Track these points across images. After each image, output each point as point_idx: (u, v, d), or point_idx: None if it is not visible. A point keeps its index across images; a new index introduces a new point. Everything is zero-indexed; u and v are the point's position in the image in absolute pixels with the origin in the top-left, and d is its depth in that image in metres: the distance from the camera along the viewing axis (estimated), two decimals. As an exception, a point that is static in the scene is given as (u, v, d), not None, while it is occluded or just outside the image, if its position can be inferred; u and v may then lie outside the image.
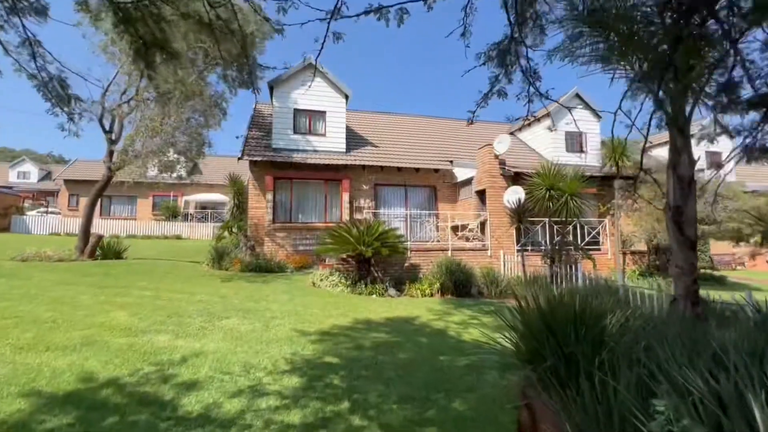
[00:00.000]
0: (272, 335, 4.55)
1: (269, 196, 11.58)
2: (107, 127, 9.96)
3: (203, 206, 26.67)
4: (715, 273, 12.50)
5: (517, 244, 10.90)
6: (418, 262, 10.15)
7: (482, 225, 11.13)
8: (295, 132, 12.47)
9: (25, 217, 21.35)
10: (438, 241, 12.43)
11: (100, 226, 21.41)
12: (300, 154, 12.21)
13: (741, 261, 16.65)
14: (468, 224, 11.35)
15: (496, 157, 11.14)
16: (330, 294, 7.85)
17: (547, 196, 8.94)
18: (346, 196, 12.19)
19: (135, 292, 6.23)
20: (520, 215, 9.38)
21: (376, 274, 9.56)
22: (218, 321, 4.97)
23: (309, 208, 12.25)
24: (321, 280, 8.89)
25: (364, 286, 8.60)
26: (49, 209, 29.32)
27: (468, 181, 12.77)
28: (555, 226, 11.17)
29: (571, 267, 8.26)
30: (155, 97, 8.87)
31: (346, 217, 11.99)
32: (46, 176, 37.33)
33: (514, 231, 10.92)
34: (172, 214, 23.92)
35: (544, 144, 15.24)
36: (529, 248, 11.25)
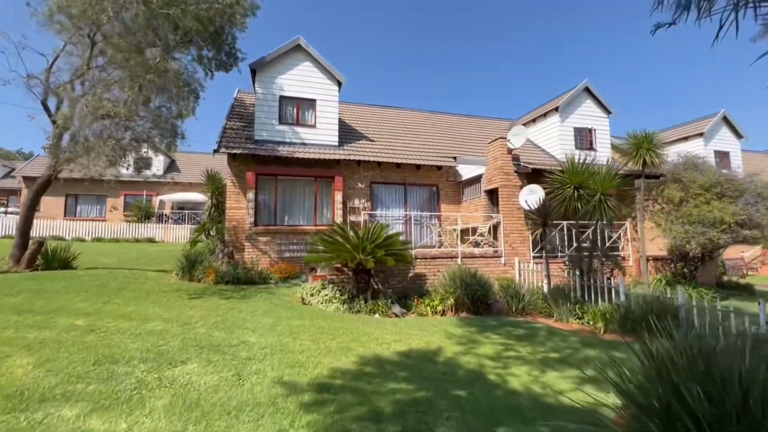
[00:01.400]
0: (246, 395, 3.10)
1: (250, 195, 10.04)
2: (53, 111, 8.25)
3: (180, 206, 24.71)
4: (741, 281, 11.55)
5: (533, 250, 9.68)
6: (424, 271, 8.80)
7: (494, 228, 9.85)
8: (281, 122, 10.97)
9: (-27, 218, 19.05)
10: (440, 246, 11.12)
11: (64, 227, 19.36)
12: (286, 147, 10.71)
13: (752, 266, 15.89)
14: (477, 227, 10.06)
15: (510, 151, 9.89)
16: (323, 314, 6.40)
17: (575, 195, 7.71)
18: (339, 196, 10.76)
19: (62, 321, 4.65)
20: (545, 218, 8.13)
21: (376, 286, 8.17)
22: (169, 369, 3.48)
23: (297, 208, 10.76)
24: (311, 294, 7.43)
25: (363, 302, 7.19)
26: (9, 209, 26.84)
27: (474, 180, 11.50)
28: (573, 230, 10.00)
29: (607, 278, 7.03)
30: (104, 67, 7.18)
31: (339, 219, 10.55)
32: (9, 173, 34.50)
33: (530, 236, 9.69)
34: (145, 215, 21.93)
35: (552, 140, 14.14)
36: (543, 255, 10.04)
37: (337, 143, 11.35)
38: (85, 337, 4.15)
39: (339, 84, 11.56)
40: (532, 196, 8.92)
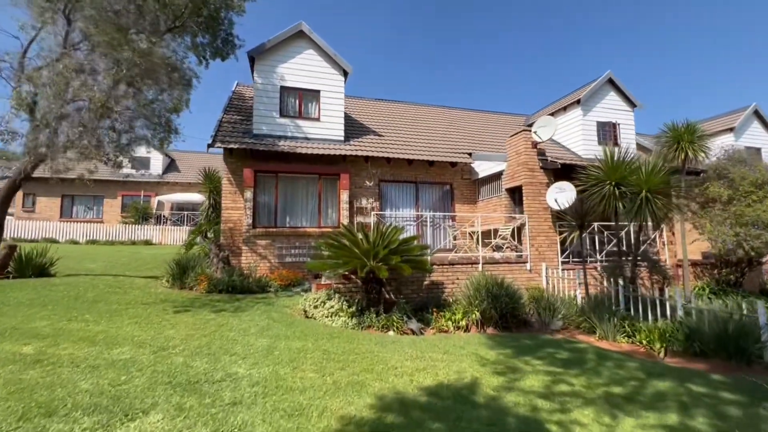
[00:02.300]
0: (223, 471, 2.16)
1: (248, 194, 9.15)
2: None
3: (180, 207, 23.91)
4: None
5: (561, 255, 8.70)
6: (441, 279, 7.85)
7: (517, 231, 8.88)
8: (282, 115, 10.07)
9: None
10: (455, 249, 10.18)
11: (58, 229, 18.57)
12: (288, 141, 9.81)
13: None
14: (498, 229, 9.10)
15: (535, 145, 8.92)
16: (329, 331, 5.47)
17: (616, 193, 6.73)
18: (345, 195, 9.83)
19: (5, 347, 3.74)
20: (582, 219, 7.16)
21: (388, 296, 7.24)
22: (122, 425, 2.56)
23: (299, 209, 9.85)
24: (315, 306, 6.51)
25: (374, 315, 6.26)
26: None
27: (492, 178, 10.54)
28: (605, 233, 9.02)
29: (659, 287, 6.04)
30: (87, 52, 6.27)
31: (345, 220, 9.63)
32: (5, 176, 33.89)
33: (558, 239, 8.72)
34: (143, 217, 21.14)
35: (573, 135, 13.14)
36: (579, 261, 9.08)
37: (342, 138, 10.43)
38: (25, 372, 3.24)
39: (345, 74, 10.65)
40: (563, 194, 7.94)
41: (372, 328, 6.08)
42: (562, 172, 9.00)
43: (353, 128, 11.66)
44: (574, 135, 13.16)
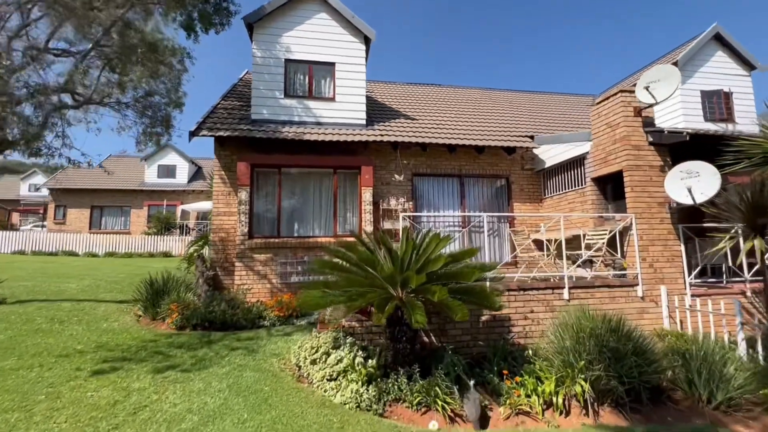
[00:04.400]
0: None
1: (243, 195, 7.06)
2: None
3: (204, 216, 22.81)
4: None
5: (688, 274, 5.74)
6: (506, 312, 5.21)
7: (619, 236, 6.03)
8: (287, 95, 7.96)
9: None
10: (515, 263, 7.50)
11: (79, 241, 17.73)
12: (294, 127, 7.68)
13: None
14: (585, 234, 6.30)
15: (639, 112, 6.07)
16: (326, 421, 3.08)
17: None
18: (367, 194, 7.49)
19: None
20: (765, 216, 4.30)
21: (426, 340, 4.79)
22: None
23: (308, 213, 7.64)
24: (313, 360, 4.16)
25: (406, 380, 3.80)
26: (44, 223, 26.62)
27: (566, 166, 7.74)
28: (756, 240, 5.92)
29: None
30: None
31: (368, 226, 7.29)
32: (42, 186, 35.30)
33: (683, 249, 5.78)
34: (165, 227, 20.12)
35: (670, 109, 10.01)
36: (698, 280, 6.14)
37: (364, 121, 8.13)
38: None
39: (367, 41, 8.39)
40: (698, 181, 5.08)
41: (401, 404, 3.63)
42: (685, 150, 6.04)
43: (378, 111, 9.36)
44: (670, 108, 10.03)
